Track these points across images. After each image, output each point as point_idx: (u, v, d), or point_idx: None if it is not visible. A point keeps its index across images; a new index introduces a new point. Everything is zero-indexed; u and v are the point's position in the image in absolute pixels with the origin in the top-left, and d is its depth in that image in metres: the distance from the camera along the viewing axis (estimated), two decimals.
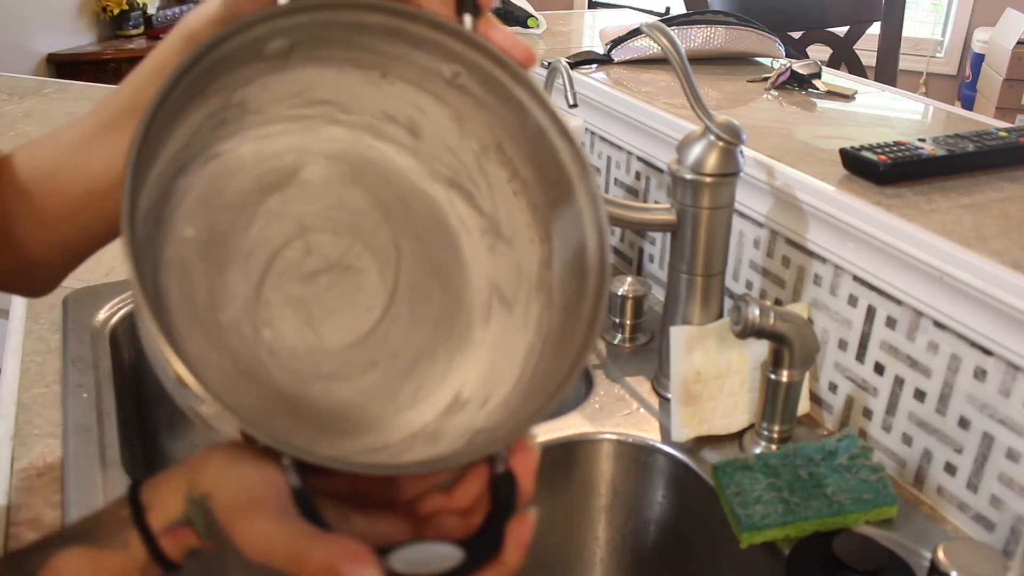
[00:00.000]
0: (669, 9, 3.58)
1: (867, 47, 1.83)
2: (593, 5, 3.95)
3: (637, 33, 1.11)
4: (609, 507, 0.78)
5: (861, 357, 0.71)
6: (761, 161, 0.77)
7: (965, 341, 0.62)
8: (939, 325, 0.63)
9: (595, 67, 1.11)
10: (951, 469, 0.65)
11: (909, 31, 3.33)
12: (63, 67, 3.04)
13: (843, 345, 0.72)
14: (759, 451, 0.70)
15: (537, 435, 0.40)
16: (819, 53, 1.57)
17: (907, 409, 0.68)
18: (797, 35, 1.85)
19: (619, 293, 0.87)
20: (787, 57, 1.16)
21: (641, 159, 0.96)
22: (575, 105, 0.81)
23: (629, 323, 0.88)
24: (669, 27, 1.02)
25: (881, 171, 0.71)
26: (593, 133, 1.04)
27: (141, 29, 3.33)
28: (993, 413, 0.61)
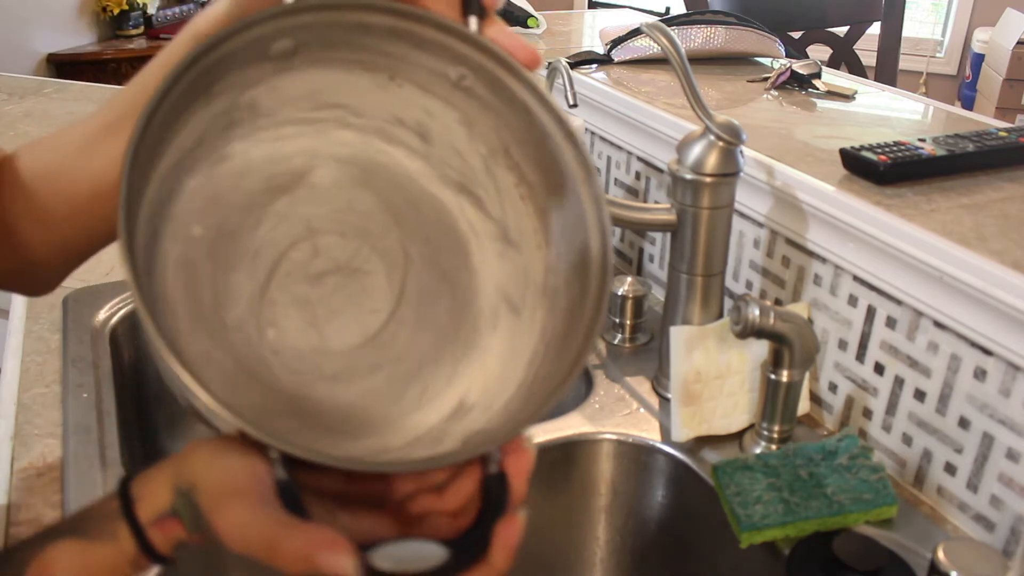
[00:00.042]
0: (669, 9, 3.58)
1: (867, 47, 1.83)
2: (593, 5, 3.95)
3: (637, 33, 1.11)
4: (609, 507, 0.78)
5: (861, 357, 0.71)
6: (761, 161, 0.77)
7: (965, 341, 0.62)
8: (939, 325, 0.63)
9: (595, 67, 1.11)
10: (951, 469, 0.65)
11: (909, 31, 3.33)
12: (63, 67, 3.04)
13: (843, 345, 0.72)
14: (759, 451, 0.70)
15: (533, 436, 0.40)
16: (819, 53, 1.57)
17: (907, 409, 0.68)
18: (797, 35, 1.85)
19: (619, 293, 0.87)
20: (787, 57, 1.16)
21: (641, 159, 0.96)
22: (575, 105, 0.81)
23: (629, 323, 0.88)
24: (669, 27, 1.02)
25: (881, 171, 0.71)
26: (593, 133, 1.04)
27: (141, 29, 3.33)
28: (993, 413, 0.61)
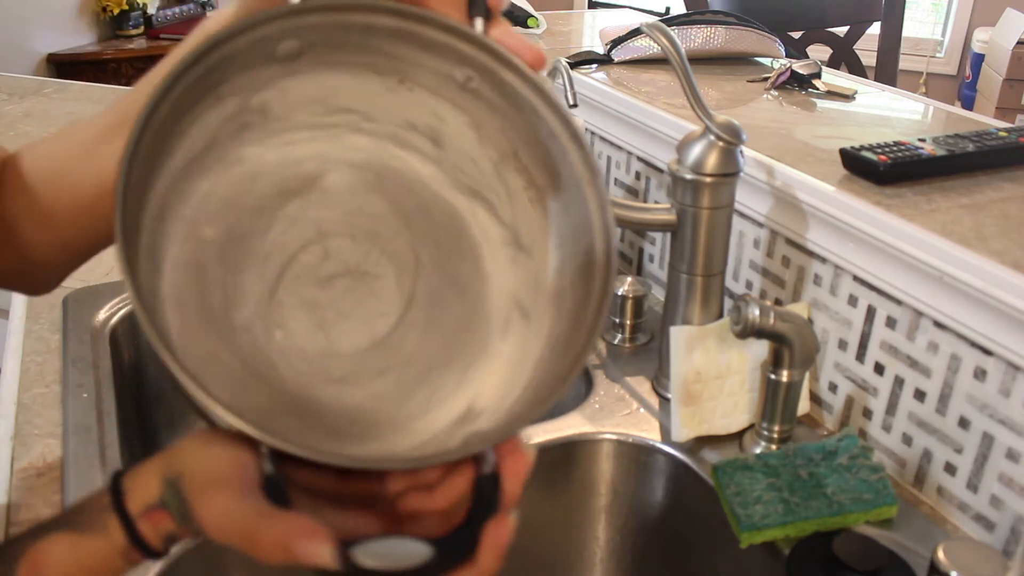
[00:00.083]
0: (669, 9, 3.58)
1: (867, 47, 1.83)
2: (593, 5, 3.95)
3: (637, 33, 1.11)
4: (609, 507, 0.78)
5: (861, 357, 0.71)
6: (761, 161, 0.77)
7: (965, 341, 0.62)
8: (939, 325, 0.63)
9: (595, 67, 1.11)
10: (951, 469, 0.65)
11: (909, 31, 3.33)
12: (63, 67, 3.04)
13: (843, 345, 0.72)
14: (759, 451, 0.70)
15: (532, 438, 0.39)
16: (819, 53, 1.57)
17: (907, 409, 0.68)
18: (797, 35, 1.85)
19: (619, 293, 0.87)
20: (787, 57, 1.16)
21: (641, 159, 0.96)
22: (575, 105, 0.81)
23: (629, 323, 0.88)
24: (669, 27, 1.02)
25: (881, 171, 0.71)
26: (593, 133, 1.04)
27: (141, 29, 3.33)
28: (993, 413, 0.61)
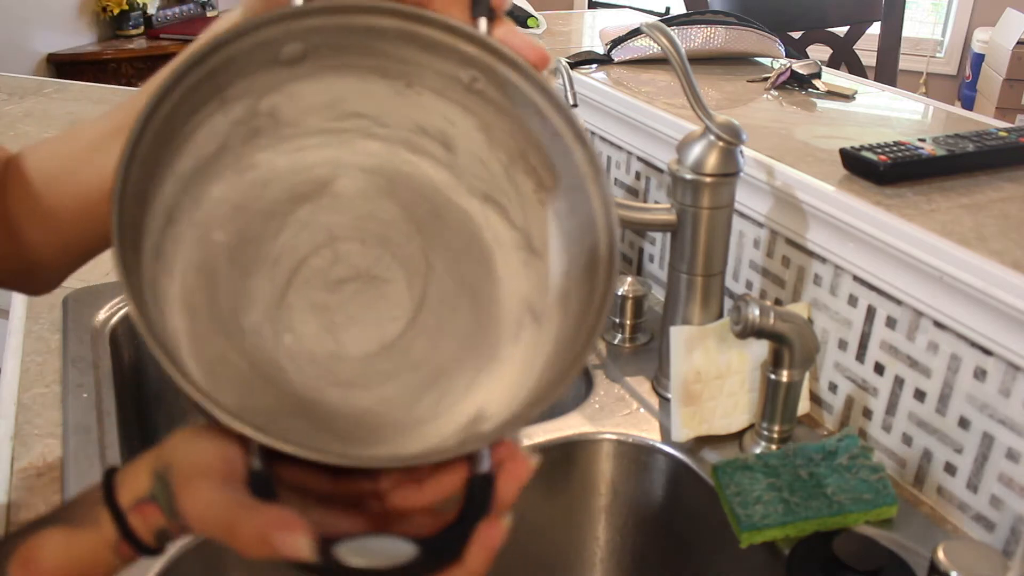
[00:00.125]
0: (669, 9, 3.58)
1: (867, 47, 1.83)
2: (593, 5, 3.95)
3: (637, 33, 1.11)
4: (609, 507, 0.78)
5: (861, 357, 0.71)
6: (761, 161, 0.77)
7: (965, 341, 0.62)
8: (939, 325, 0.63)
9: (595, 67, 1.11)
10: (951, 469, 0.65)
11: (909, 31, 3.33)
12: (63, 67, 3.04)
13: (843, 345, 0.72)
14: (759, 451, 0.70)
15: (532, 437, 0.39)
16: (819, 53, 1.57)
17: (907, 409, 0.68)
18: (797, 35, 1.85)
19: (619, 293, 0.87)
20: (787, 57, 1.16)
21: (641, 159, 0.96)
22: (575, 105, 0.81)
23: (629, 323, 0.88)
24: (669, 27, 1.02)
25: (881, 171, 0.71)
26: (593, 133, 1.04)
27: (141, 29, 3.33)
28: (993, 413, 0.61)
